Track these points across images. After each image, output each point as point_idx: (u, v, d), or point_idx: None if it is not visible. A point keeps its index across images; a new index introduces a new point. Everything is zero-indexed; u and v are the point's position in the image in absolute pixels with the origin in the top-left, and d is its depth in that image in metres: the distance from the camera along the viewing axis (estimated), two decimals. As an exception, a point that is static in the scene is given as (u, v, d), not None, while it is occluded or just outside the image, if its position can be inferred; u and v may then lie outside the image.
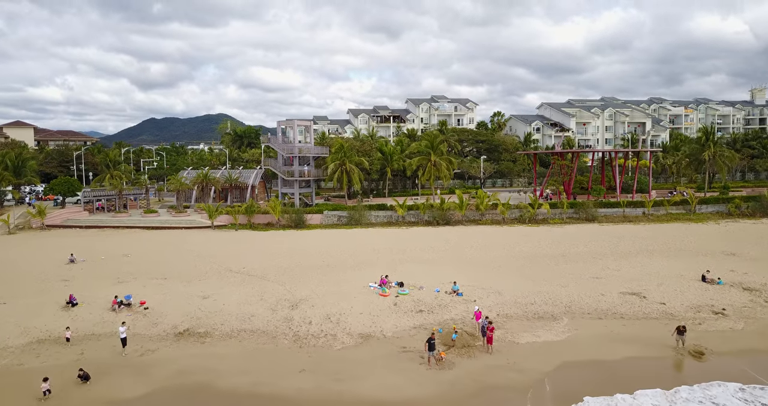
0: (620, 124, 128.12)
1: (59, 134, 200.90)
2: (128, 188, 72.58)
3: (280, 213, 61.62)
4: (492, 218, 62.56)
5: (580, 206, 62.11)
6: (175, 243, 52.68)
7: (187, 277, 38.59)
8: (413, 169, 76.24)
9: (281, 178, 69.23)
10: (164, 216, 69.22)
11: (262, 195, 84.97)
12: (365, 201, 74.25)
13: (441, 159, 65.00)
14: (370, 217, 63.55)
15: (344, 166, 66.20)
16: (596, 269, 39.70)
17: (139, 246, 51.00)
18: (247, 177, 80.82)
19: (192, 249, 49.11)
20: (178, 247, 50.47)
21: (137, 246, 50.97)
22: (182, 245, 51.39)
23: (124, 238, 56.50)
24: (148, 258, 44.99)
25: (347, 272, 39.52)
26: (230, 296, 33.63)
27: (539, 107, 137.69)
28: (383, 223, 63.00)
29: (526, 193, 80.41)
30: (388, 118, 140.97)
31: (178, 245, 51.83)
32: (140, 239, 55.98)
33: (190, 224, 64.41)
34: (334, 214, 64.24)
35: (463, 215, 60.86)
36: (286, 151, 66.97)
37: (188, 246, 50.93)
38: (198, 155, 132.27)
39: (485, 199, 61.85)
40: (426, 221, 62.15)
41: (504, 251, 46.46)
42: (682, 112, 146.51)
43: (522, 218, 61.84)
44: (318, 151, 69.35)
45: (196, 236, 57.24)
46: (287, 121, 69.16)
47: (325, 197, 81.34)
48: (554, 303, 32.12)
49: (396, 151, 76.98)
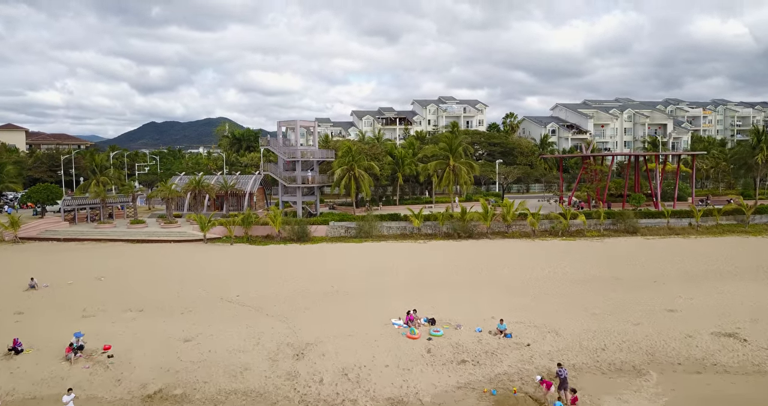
0: (640, 126, 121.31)
1: (52, 137, 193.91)
2: (113, 196, 65.68)
3: (280, 225, 54.73)
4: (519, 230, 55.64)
5: (618, 217, 55.16)
6: (159, 261, 45.74)
7: (169, 308, 31.64)
8: (427, 174, 69.32)
9: (282, 185, 62.36)
10: (152, 227, 62.32)
11: (261, 203, 78.02)
12: (374, 210, 67.35)
13: (460, 163, 58.19)
14: (382, 228, 56.66)
15: (352, 172, 59.33)
16: (665, 298, 32.72)
17: (118, 265, 44.06)
18: (245, 183, 73.90)
19: (179, 269, 42.16)
20: (162, 266, 43.53)
21: (116, 265, 44.04)
22: (168, 264, 44.45)
23: (103, 253, 49.58)
24: (126, 282, 38.03)
25: (363, 301, 32.57)
26: (219, 337, 26.66)
27: (553, 109, 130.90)
28: (396, 235, 56.08)
29: (554, 200, 73.19)
30: (394, 121, 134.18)
31: (164, 263, 44.90)
32: (122, 254, 49.05)
33: (180, 237, 57.47)
34: (341, 225, 57.34)
35: (488, 227, 53.93)
36: (287, 155, 60.13)
37: (175, 265, 43.99)
38: (194, 159, 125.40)
39: (512, 208, 54.92)
40: (445, 234, 55.22)
41: (545, 272, 39.49)
42: (700, 113, 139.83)
43: (554, 230, 54.90)
44: (323, 155, 62.47)
45: (186, 252, 50.30)
46: (288, 122, 62.31)
47: (330, 205, 74.40)
48: (631, 348, 25.15)
49: (407, 155, 70.15)
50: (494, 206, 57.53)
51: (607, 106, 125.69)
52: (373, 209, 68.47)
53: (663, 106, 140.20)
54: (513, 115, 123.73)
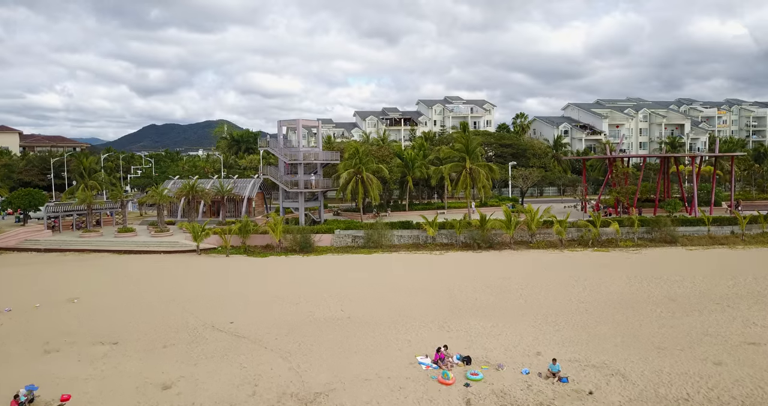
0: (656, 127, 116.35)
1: (46, 140, 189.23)
2: (99, 202, 60.62)
3: (281, 234, 49.65)
4: (544, 239, 50.54)
5: (654, 224, 50.03)
6: (145, 277, 40.64)
7: (148, 341, 26.54)
8: (439, 177, 64.21)
9: (282, 190, 57.28)
10: (142, 236, 57.26)
11: (261, 209, 72.94)
12: (382, 216, 62.30)
13: (478, 166, 53.11)
14: (393, 238, 51.57)
15: (360, 176, 54.23)
16: (738, 325, 27.59)
17: (99, 281, 38.97)
18: (243, 188, 68.81)
19: (166, 287, 37.05)
20: (148, 283, 38.41)
21: (96, 281, 38.96)
22: (155, 281, 39.32)
23: (84, 267, 44.53)
24: (103, 304, 32.93)
25: (379, 331, 27.45)
26: (206, 383, 21.55)
27: (565, 108, 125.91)
28: (409, 245, 50.97)
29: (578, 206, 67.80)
30: (399, 121, 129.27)
31: (150, 279, 39.78)
32: (105, 268, 43.99)
33: (171, 247, 52.39)
34: (348, 234, 52.25)
35: (512, 237, 48.82)
36: (288, 157, 55.07)
37: (162, 282, 38.86)
38: (191, 162, 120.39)
39: (536, 215, 49.81)
40: (463, 244, 50.11)
41: (586, 291, 34.35)
42: (715, 113, 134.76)
43: (583, 240, 49.78)
44: (327, 157, 57.41)
45: (176, 265, 45.22)
46: (290, 122, 57.28)
47: (334, 211, 69.30)
48: (722, 399, 20.03)
49: (418, 157, 65.06)
50: (516, 212, 52.41)
51: (622, 106, 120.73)
52: (381, 216, 63.39)
53: (676, 106, 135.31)
54: (523, 115, 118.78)
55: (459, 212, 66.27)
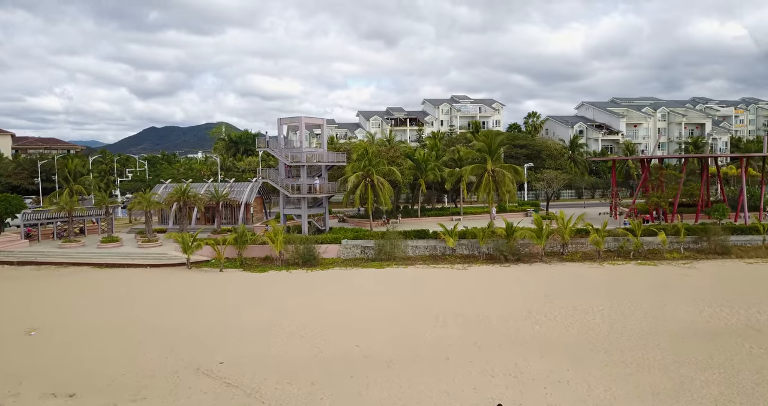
0: (675, 126, 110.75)
1: (40, 142, 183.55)
2: (81, 209, 55.00)
3: (282, 245, 44.04)
4: (577, 250, 44.95)
5: (702, 233, 44.40)
6: (123, 298, 34.95)
7: (113, 391, 20.91)
8: (454, 180, 58.66)
9: (283, 195, 51.63)
10: (127, 246, 51.64)
11: (260, 215, 67.33)
12: (393, 223, 56.72)
13: (502, 167, 47.50)
14: (407, 248, 45.98)
15: (370, 179, 48.60)
16: None
17: (67, 305, 33.34)
18: (240, 192, 63.19)
19: (146, 312, 31.40)
20: (124, 307, 32.74)
21: (65, 304, 33.33)
22: (133, 303, 33.64)
23: (56, 285, 38.90)
24: (66, 338, 27.29)
25: (407, 377, 21.79)
26: (181, 462, 15.93)
27: (578, 107, 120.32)
28: (425, 257, 45.35)
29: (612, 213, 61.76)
30: (404, 121, 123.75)
31: (128, 301, 34.10)
32: (80, 286, 38.38)
33: (158, 260, 46.76)
34: (357, 244, 46.63)
35: (543, 248, 43.19)
36: (290, 159, 49.45)
37: (141, 305, 33.19)
38: (187, 165, 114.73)
39: (569, 223, 44.21)
40: (487, 256, 44.49)
41: (650, 318, 28.63)
42: (732, 112, 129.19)
43: (623, 251, 44.14)
44: (333, 158, 51.73)
45: (161, 282, 39.60)
46: (291, 120, 51.63)
47: (340, 218, 63.66)
48: None
49: (430, 158, 59.44)
50: (545, 219, 46.75)
51: (639, 105, 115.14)
52: (391, 223, 57.79)
53: (691, 104, 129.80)
54: (536, 114, 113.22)
55: (476, 219, 60.65)
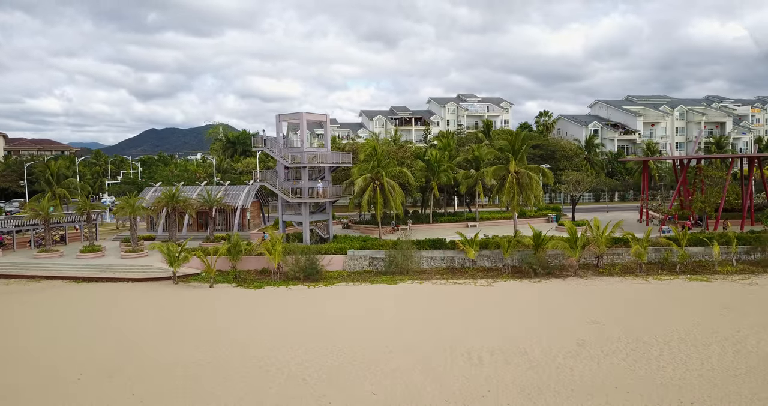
0: (693, 125, 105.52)
1: (33, 143, 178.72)
2: (58, 215, 49.90)
3: (280, 256, 38.90)
4: (614, 262, 39.79)
5: (757, 243, 39.23)
6: (90, 325, 29.79)
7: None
8: (470, 183, 53.58)
9: (282, 200, 46.46)
10: (110, 257, 46.56)
11: (257, 220, 62.24)
12: (403, 230, 51.61)
13: (527, 168, 42.38)
14: (421, 260, 40.86)
15: (379, 182, 43.44)
16: None
17: (22, 334, 28.20)
18: (236, 196, 58.14)
19: (113, 345, 26.22)
20: (89, 337, 27.57)
21: (20, 333, 28.19)
22: (101, 331, 28.46)
23: (20, 303, 33.77)
24: (2, 382, 22.12)
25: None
26: None
27: (592, 106, 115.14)
28: (442, 270, 40.21)
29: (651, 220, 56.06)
30: (409, 121, 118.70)
31: (96, 329, 28.93)
32: (46, 307, 33.24)
33: (141, 273, 41.65)
34: (365, 255, 41.49)
35: (578, 261, 37.99)
36: (290, 160, 44.30)
37: (111, 334, 28.00)
38: (182, 166, 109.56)
39: (605, 231, 39.06)
40: (513, 269, 39.34)
41: (731, 353, 23.38)
42: (749, 112, 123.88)
43: (666, 264, 38.94)
44: (337, 159, 46.51)
45: (140, 302, 34.44)
46: (291, 116, 46.43)
47: (344, 224, 58.50)
48: None
49: (443, 159, 54.29)
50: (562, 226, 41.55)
51: (655, 103, 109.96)
52: (401, 229, 52.66)
53: (706, 103, 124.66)
54: (548, 113, 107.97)
55: (494, 225, 55.55)
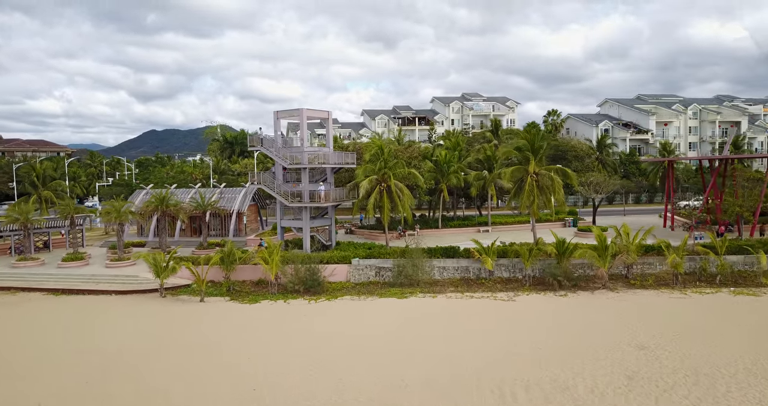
0: (707, 125, 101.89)
1: (28, 144, 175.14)
2: (38, 220, 46.32)
3: (278, 266, 35.30)
4: (644, 272, 36.18)
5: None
6: (59, 350, 26.15)
7: None
8: (481, 185, 50.03)
9: (280, 204, 42.86)
10: (95, 265, 43.03)
11: (255, 225, 58.59)
12: (410, 236, 48.06)
13: (548, 169, 38.78)
14: (433, 270, 37.27)
15: (386, 184, 39.83)
16: None
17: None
18: (231, 199, 54.53)
19: (77, 379, 22.60)
20: (55, 366, 23.94)
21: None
22: (69, 359, 24.82)
23: None
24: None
25: None
26: None
27: (602, 105, 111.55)
28: (456, 281, 36.61)
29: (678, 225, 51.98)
30: (413, 120, 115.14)
31: (64, 356, 25.29)
32: (14, 326, 29.63)
33: (126, 284, 38.06)
34: (371, 264, 37.89)
35: (607, 271, 34.34)
36: (289, 160, 40.71)
37: (79, 363, 24.37)
38: (178, 168, 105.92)
39: (636, 239, 35.48)
40: (534, 280, 35.74)
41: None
42: (761, 111, 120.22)
43: (705, 274, 35.31)
44: (340, 159, 42.93)
45: (121, 319, 30.80)
46: (290, 112, 42.83)
47: (347, 228, 54.91)
48: None
49: (452, 160, 50.70)
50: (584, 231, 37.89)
51: (667, 101, 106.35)
52: (408, 235, 49.09)
53: (717, 102, 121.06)
54: (556, 112, 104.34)
55: (507, 230, 51.98)
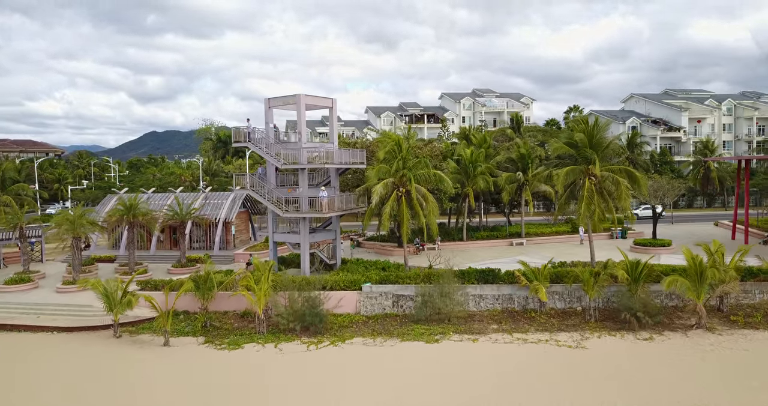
0: (743, 122, 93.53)
1: (15, 144, 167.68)
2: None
3: (268, 295, 27.09)
4: (738, 302, 27.91)
5: None
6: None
7: None
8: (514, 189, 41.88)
9: (273, 214, 34.45)
10: (43, 290, 34.79)
11: (245, 236, 50.28)
12: (429, 250, 39.89)
13: (610, 169, 30.47)
14: (467, 299, 29.04)
15: (405, 189, 31.53)
16: None
17: None
18: (218, 206, 46.36)
19: None
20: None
21: None
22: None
23: None
24: None
25: None
26: None
27: (626, 101, 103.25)
28: (497, 314, 28.38)
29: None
30: (421, 118, 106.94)
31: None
32: None
33: (74, 317, 29.81)
34: (387, 291, 29.63)
35: (703, 305, 26.00)
36: (283, 160, 32.39)
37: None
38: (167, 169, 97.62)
39: (734, 261, 27.22)
40: (602, 314, 27.45)
41: None
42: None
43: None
44: (346, 158, 34.49)
45: (55, 372, 22.54)
46: (285, 99, 34.30)
47: (354, 240, 46.63)
48: None
49: (479, 159, 42.46)
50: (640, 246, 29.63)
51: (699, 97, 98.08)
52: (427, 250, 40.90)
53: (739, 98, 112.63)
54: (577, 108, 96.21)
55: (544, 243, 43.94)
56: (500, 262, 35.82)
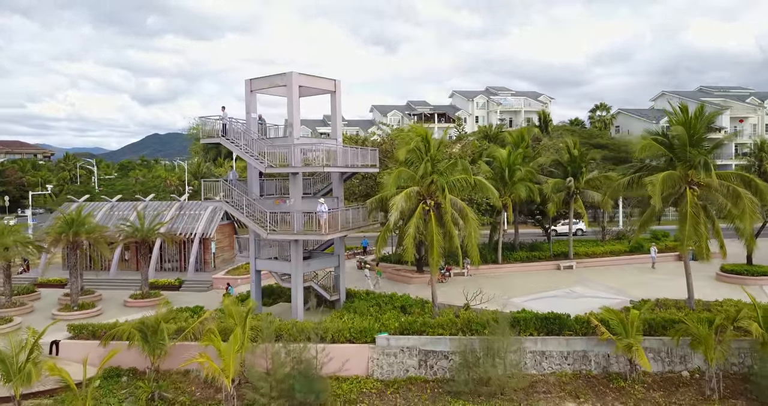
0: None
1: (1, 145, 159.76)
2: None
3: (241, 357, 18.55)
4: None
5: None
6: None
7: None
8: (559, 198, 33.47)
9: (254, 235, 25.63)
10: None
11: (228, 254, 41.54)
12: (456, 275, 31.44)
13: (721, 176, 22.11)
14: (523, 358, 20.50)
15: (434, 201, 22.92)
16: None
17: None
18: (194, 218, 37.94)
19: None
20: None
21: None
22: None
23: None
24: None
25: None
26: None
27: (656, 99, 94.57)
28: (569, 380, 19.85)
29: None
30: (431, 117, 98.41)
31: None
32: None
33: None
34: (410, 346, 21.08)
35: None
36: (268, 161, 23.87)
37: None
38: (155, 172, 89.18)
39: None
40: (730, 385, 18.89)
41: None
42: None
43: None
44: (354, 158, 25.87)
45: None
46: (273, 80, 25.69)
47: (360, 261, 38.05)
48: None
49: (517, 161, 33.90)
50: None
51: (738, 95, 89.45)
52: (452, 274, 32.37)
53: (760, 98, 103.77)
54: (605, 106, 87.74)
55: (597, 266, 35.38)
56: (551, 296, 27.33)
